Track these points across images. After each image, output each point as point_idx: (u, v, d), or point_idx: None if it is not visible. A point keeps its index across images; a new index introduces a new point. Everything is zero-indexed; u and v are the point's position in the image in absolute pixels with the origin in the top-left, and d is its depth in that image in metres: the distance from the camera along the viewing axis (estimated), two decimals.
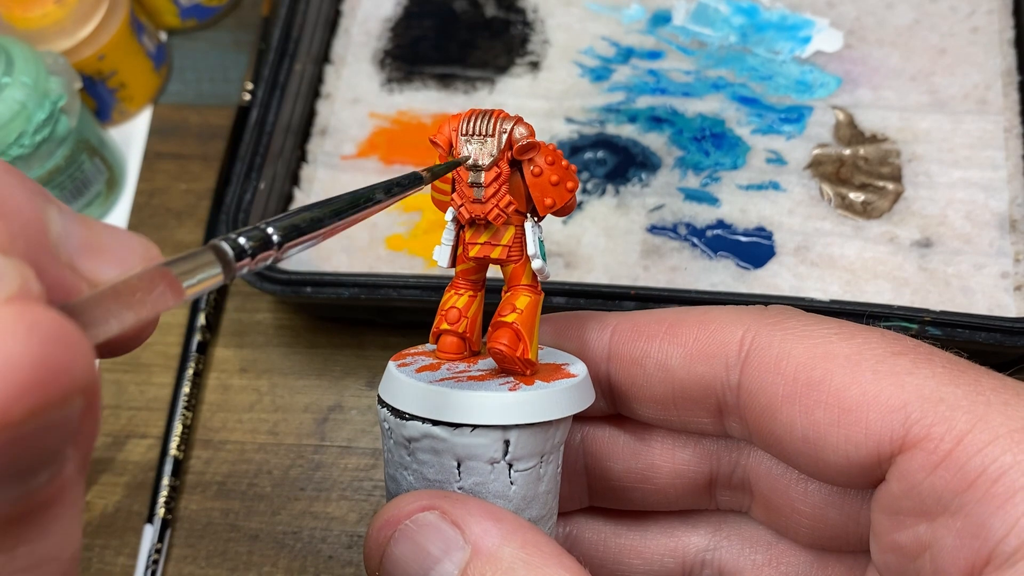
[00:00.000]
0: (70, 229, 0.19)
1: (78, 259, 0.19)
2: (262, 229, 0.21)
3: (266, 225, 0.21)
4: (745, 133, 0.53)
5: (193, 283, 0.19)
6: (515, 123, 0.28)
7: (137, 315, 0.18)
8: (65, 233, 0.19)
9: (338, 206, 0.23)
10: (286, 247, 0.21)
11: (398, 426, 0.27)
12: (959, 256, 0.48)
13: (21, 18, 0.54)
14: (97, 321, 0.17)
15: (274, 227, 0.21)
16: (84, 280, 0.19)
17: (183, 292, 0.19)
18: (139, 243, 0.20)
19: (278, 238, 0.21)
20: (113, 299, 0.18)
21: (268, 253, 0.21)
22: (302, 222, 0.22)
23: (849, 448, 0.25)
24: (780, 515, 0.30)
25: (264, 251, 0.21)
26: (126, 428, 0.52)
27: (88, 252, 0.19)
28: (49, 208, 0.19)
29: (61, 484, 0.17)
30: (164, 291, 0.18)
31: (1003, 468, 0.22)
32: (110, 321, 0.17)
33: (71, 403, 0.16)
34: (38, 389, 0.15)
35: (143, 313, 0.18)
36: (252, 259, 0.20)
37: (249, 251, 0.20)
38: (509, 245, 0.28)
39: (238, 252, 0.20)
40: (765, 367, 0.27)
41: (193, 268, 0.19)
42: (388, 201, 0.24)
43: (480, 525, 0.25)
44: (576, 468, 0.32)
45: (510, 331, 0.27)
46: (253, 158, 0.51)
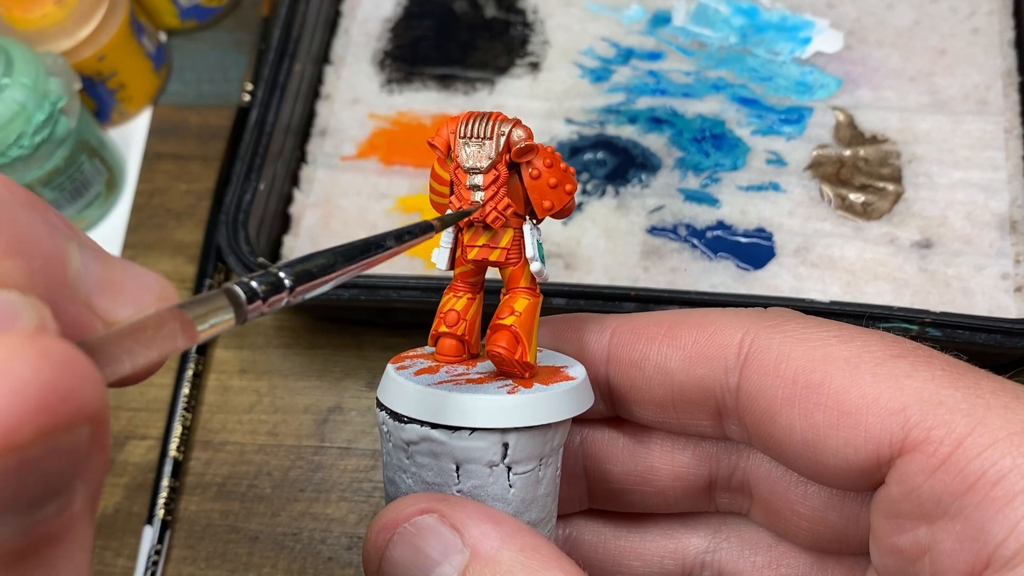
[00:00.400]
0: (89, 267, 0.19)
1: (95, 297, 0.19)
2: (275, 274, 0.21)
3: (279, 269, 0.21)
4: (745, 134, 0.53)
5: (206, 327, 0.19)
6: (513, 125, 0.28)
7: (149, 355, 0.18)
8: (84, 271, 0.19)
9: (350, 252, 0.23)
10: (298, 291, 0.22)
11: (396, 429, 0.27)
12: (959, 257, 0.48)
13: (21, 19, 0.54)
14: (111, 360, 0.17)
15: (286, 272, 0.21)
16: (99, 319, 0.19)
17: (196, 335, 0.19)
18: (155, 281, 0.21)
19: (290, 283, 0.21)
20: (127, 338, 0.18)
21: (280, 296, 0.21)
22: (314, 267, 0.22)
23: (848, 451, 0.25)
24: (780, 517, 0.30)
25: (276, 294, 0.21)
26: (126, 429, 0.52)
27: (105, 291, 0.20)
28: (70, 246, 0.19)
29: (69, 519, 0.17)
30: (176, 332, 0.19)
31: (1002, 471, 0.22)
32: (123, 360, 0.18)
33: (78, 430, 0.16)
34: (45, 412, 0.15)
35: (154, 353, 0.18)
36: (264, 303, 0.21)
37: (261, 295, 0.21)
38: (507, 248, 0.28)
39: (250, 296, 0.20)
40: (764, 370, 0.27)
41: (206, 312, 0.19)
42: (399, 248, 0.25)
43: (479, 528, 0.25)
44: (575, 470, 0.32)
45: (508, 334, 0.27)
46: (253, 159, 0.51)
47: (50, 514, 0.16)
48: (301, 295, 0.22)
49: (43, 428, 0.15)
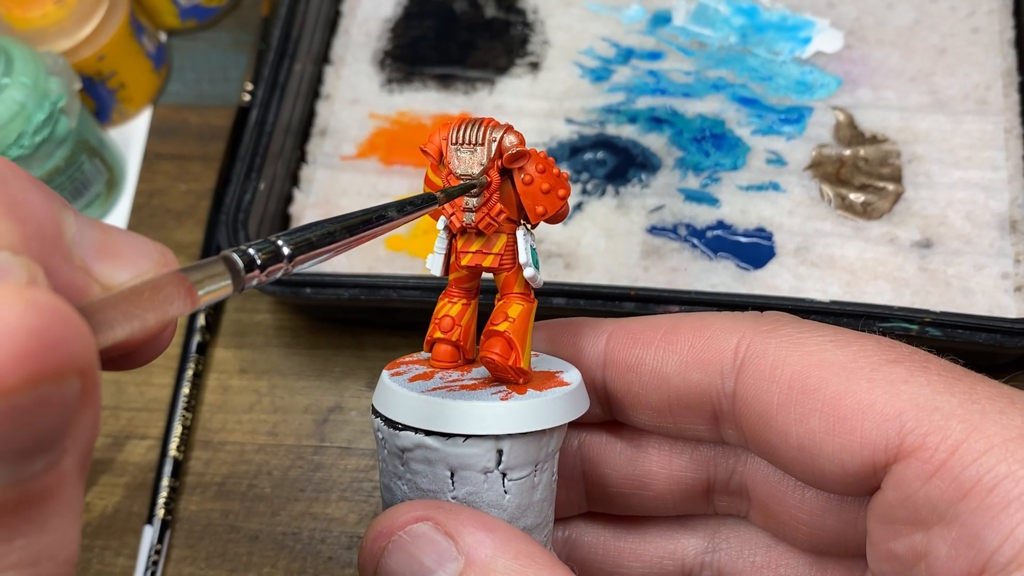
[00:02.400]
0: (85, 232, 0.20)
1: (92, 262, 0.20)
2: (273, 242, 0.21)
3: (277, 238, 0.21)
4: (745, 134, 0.53)
5: (203, 293, 0.19)
6: (505, 131, 0.27)
7: (147, 320, 0.18)
8: (79, 236, 0.19)
9: (350, 222, 0.23)
10: (297, 260, 0.21)
11: (391, 436, 0.27)
12: (959, 257, 0.48)
13: (21, 18, 0.54)
14: (108, 323, 0.17)
15: (285, 240, 0.21)
16: (97, 283, 0.20)
17: (197, 299, 0.19)
18: (154, 248, 0.21)
19: (289, 251, 0.21)
20: (124, 303, 0.18)
21: (278, 266, 0.21)
22: (314, 236, 0.22)
23: (844, 457, 0.25)
24: (778, 520, 0.30)
25: (274, 264, 0.21)
26: (126, 429, 0.52)
27: (102, 255, 0.20)
28: (65, 212, 0.19)
29: (59, 477, 0.17)
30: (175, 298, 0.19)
31: (998, 478, 0.22)
32: (121, 324, 0.18)
33: (67, 380, 0.16)
34: (33, 359, 0.15)
35: (153, 318, 0.18)
36: (262, 271, 0.21)
37: (259, 263, 0.20)
38: (501, 253, 0.28)
39: (248, 263, 0.20)
40: (760, 375, 0.27)
41: (203, 278, 0.19)
42: (401, 220, 0.24)
43: (473, 536, 0.25)
44: (574, 474, 0.32)
45: (502, 340, 0.27)
46: (253, 158, 0.51)
47: (39, 470, 0.16)
48: (300, 264, 0.22)
49: (31, 375, 0.15)
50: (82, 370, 0.16)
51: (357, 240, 0.23)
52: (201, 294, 0.19)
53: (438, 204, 0.26)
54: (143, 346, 0.21)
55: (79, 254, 0.19)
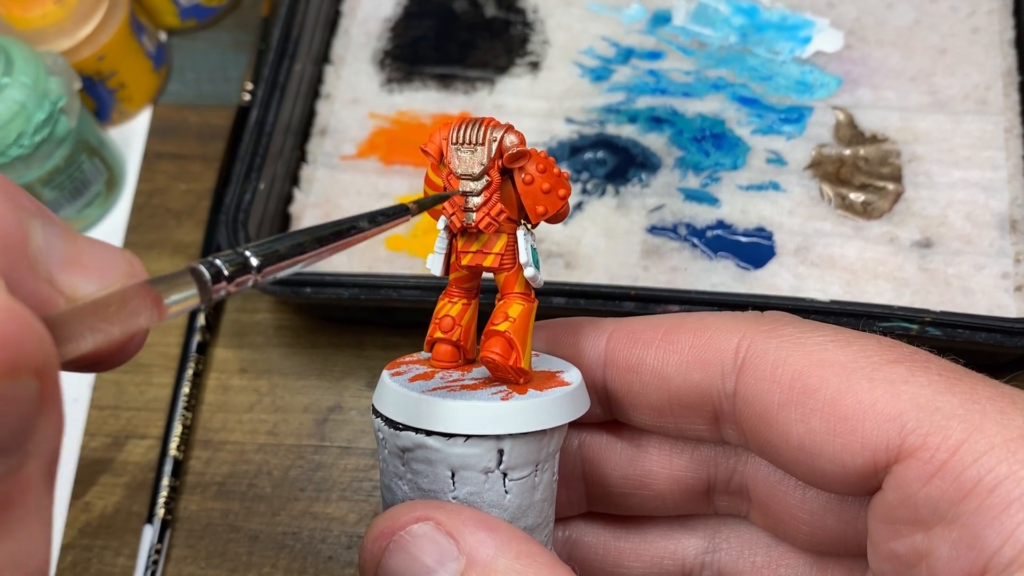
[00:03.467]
0: (52, 243, 0.20)
1: (57, 273, 0.20)
2: (241, 253, 0.21)
3: (245, 249, 0.21)
4: (745, 133, 0.53)
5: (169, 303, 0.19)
6: (505, 131, 0.27)
7: (112, 332, 0.18)
8: (46, 246, 0.19)
9: (321, 234, 0.23)
10: (266, 271, 0.21)
11: (392, 436, 0.27)
12: (959, 256, 0.48)
13: (21, 18, 0.54)
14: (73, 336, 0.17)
15: (253, 251, 0.21)
16: (62, 295, 0.19)
17: (164, 311, 0.19)
18: (122, 259, 0.21)
19: (257, 262, 0.21)
20: (89, 315, 0.18)
21: (246, 277, 0.21)
22: (283, 248, 0.22)
23: (845, 457, 0.25)
24: (778, 520, 0.30)
25: (243, 275, 0.21)
26: (126, 428, 0.52)
27: (68, 266, 0.20)
28: (32, 221, 0.19)
29: (23, 483, 0.17)
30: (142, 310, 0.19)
31: (999, 478, 0.22)
32: (86, 336, 0.18)
33: (21, 379, 0.16)
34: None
35: (119, 330, 0.18)
36: (230, 282, 0.21)
37: (227, 275, 0.20)
38: (501, 253, 0.28)
39: (215, 275, 0.20)
40: (761, 375, 0.27)
41: (170, 289, 0.19)
42: (372, 231, 0.24)
43: (474, 536, 0.25)
44: (574, 473, 0.32)
45: (503, 340, 0.27)
46: (253, 158, 0.51)
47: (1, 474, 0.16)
48: (269, 276, 0.22)
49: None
50: (39, 371, 0.16)
51: (327, 251, 0.23)
52: (167, 304, 0.19)
53: (411, 215, 0.26)
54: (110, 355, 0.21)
55: (45, 265, 0.19)
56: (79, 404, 0.53)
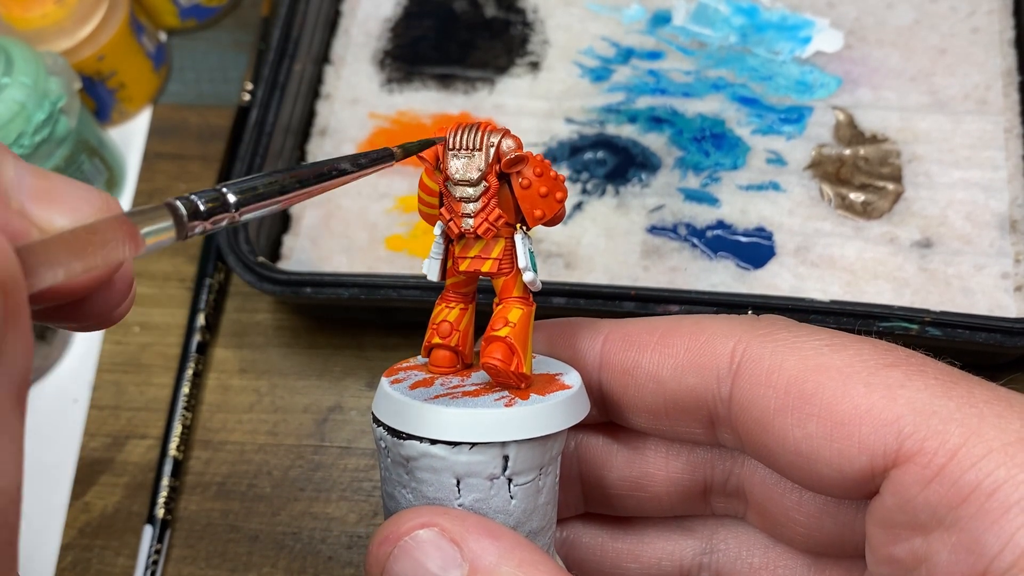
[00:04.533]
0: (24, 178, 0.20)
1: (30, 205, 0.20)
2: (219, 191, 0.21)
3: (223, 186, 0.21)
4: (745, 133, 0.53)
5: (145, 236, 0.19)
6: (502, 136, 0.27)
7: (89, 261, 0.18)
8: (17, 180, 0.19)
9: (301, 174, 0.23)
10: (243, 210, 0.21)
11: (395, 445, 0.27)
12: (959, 256, 0.48)
13: (21, 18, 0.54)
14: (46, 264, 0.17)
15: (231, 189, 0.21)
16: (35, 227, 0.19)
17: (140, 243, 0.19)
18: (97, 196, 0.21)
19: (235, 199, 0.21)
20: (63, 245, 0.18)
21: (224, 215, 0.21)
22: (261, 186, 0.22)
23: (842, 462, 0.25)
24: (775, 522, 0.30)
25: (221, 213, 0.21)
26: (126, 429, 0.52)
27: (41, 199, 0.20)
28: (4, 157, 0.19)
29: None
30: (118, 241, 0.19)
31: (997, 483, 0.22)
32: (60, 265, 0.18)
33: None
34: None
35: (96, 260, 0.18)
36: (206, 219, 0.20)
37: (203, 211, 0.20)
38: (499, 258, 0.28)
39: (192, 211, 0.20)
40: (756, 379, 0.27)
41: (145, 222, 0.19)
42: (354, 174, 0.24)
43: (478, 543, 0.25)
44: (571, 475, 0.32)
45: (503, 345, 0.27)
46: (253, 158, 0.51)
47: None
48: (247, 214, 0.21)
49: None
50: (3, 287, 0.16)
51: (307, 193, 0.23)
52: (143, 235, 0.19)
53: (395, 160, 0.26)
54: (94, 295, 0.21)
55: (17, 197, 0.19)
56: (79, 404, 0.53)
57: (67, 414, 0.52)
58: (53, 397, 0.53)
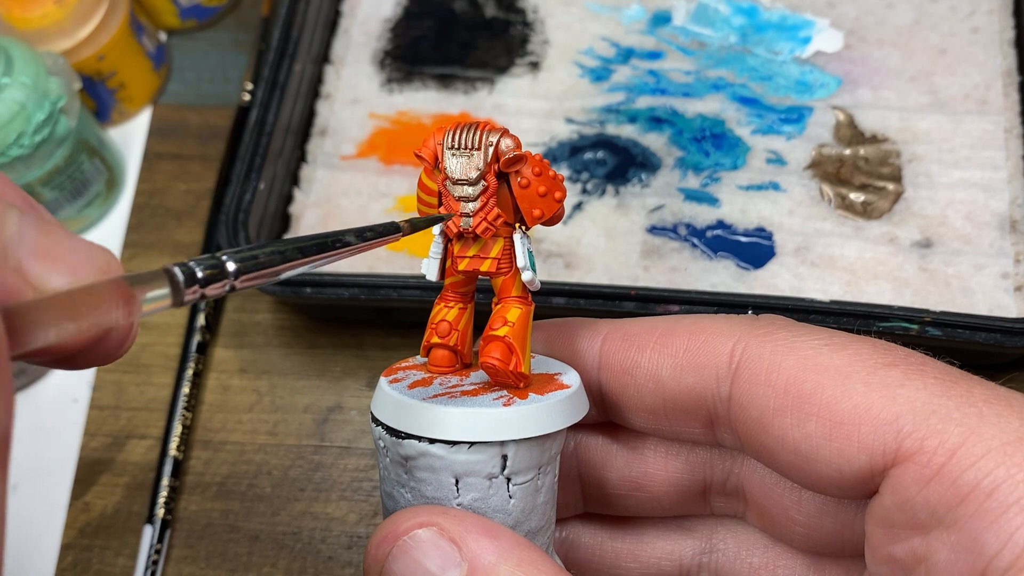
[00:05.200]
0: (26, 233, 0.19)
1: (28, 263, 0.19)
2: (219, 259, 0.21)
3: (223, 254, 0.21)
4: (745, 133, 0.53)
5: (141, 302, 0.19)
6: (501, 135, 0.27)
7: (80, 326, 0.18)
8: (19, 236, 0.19)
9: (304, 244, 0.23)
10: (243, 279, 0.21)
11: (394, 445, 0.27)
12: (959, 257, 0.48)
13: (21, 18, 0.54)
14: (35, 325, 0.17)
15: (232, 258, 0.21)
16: (30, 286, 0.19)
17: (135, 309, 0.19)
18: (99, 255, 0.21)
19: (234, 267, 0.21)
20: (56, 307, 0.18)
21: (223, 283, 0.21)
22: (262, 255, 0.22)
23: (842, 461, 0.25)
24: (775, 522, 0.30)
25: (219, 280, 0.21)
26: (126, 429, 0.52)
27: (40, 258, 0.20)
28: (8, 211, 0.19)
29: None
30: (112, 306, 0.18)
31: (996, 482, 0.22)
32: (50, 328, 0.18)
33: None
34: None
35: (87, 324, 0.18)
36: (203, 286, 0.20)
37: (201, 278, 0.20)
38: (498, 257, 0.28)
39: (189, 278, 0.20)
40: (755, 379, 0.27)
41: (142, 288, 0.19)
42: (359, 247, 0.24)
43: (477, 543, 0.25)
44: (570, 475, 0.32)
45: (502, 345, 0.27)
46: (253, 158, 0.51)
47: None
48: (248, 283, 0.21)
49: None
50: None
51: (309, 262, 0.23)
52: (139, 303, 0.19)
53: (402, 235, 0.26)
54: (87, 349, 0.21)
55: (16, 255, 0.19)
56: (79, 404, 0.53)
57: (67, 414, 0.52)
58: (53, 397, 0.53)
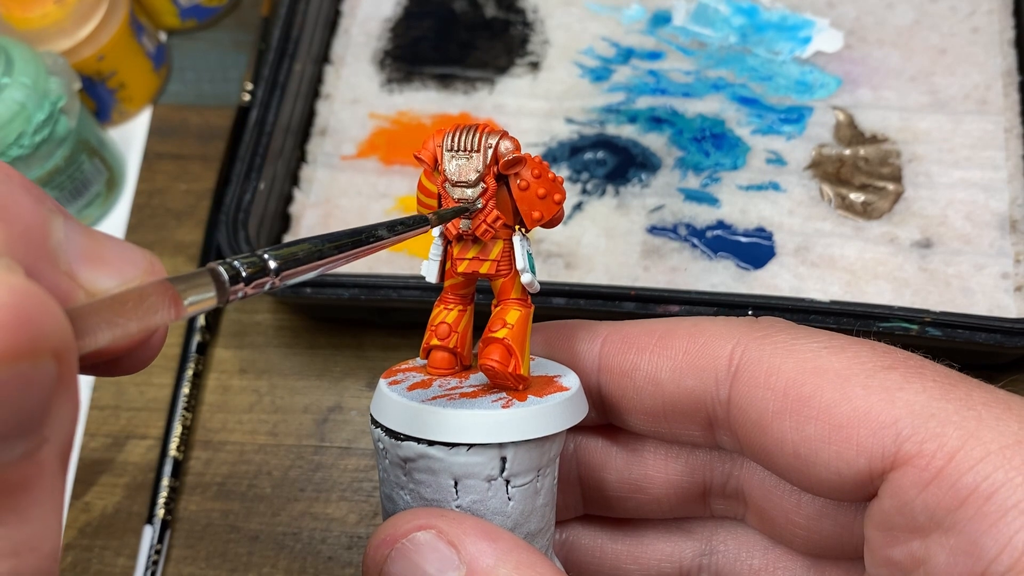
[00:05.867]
0: (72, 238, 0.20)
1: (77, 267, 0.20)
2: (260, 256, 0.21)
3: (264, 251, 0.21)
4: (745, 133, 0.53)
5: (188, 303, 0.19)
6: (500, 137, 0.27)
7: (130, 327, 0.18)
8: (67, 241, 0.20)
9: (340, 240, 0.23)
10: (283, 275, 0.22)
11: (393, 447, 0.27)
12: (959, 257, 0.48)
13: (21, 18, 0.54)
14: (90, 329, 0.18)
15: (272, 255, 0.21)
16: (82, 288, 0.20)
17: (182, 309, 0.19)
18: (142, 257, 0.21)
19: (275, 265, 0.21)
20: (107, 310, 0.18)
21: (264, 279, 0.21)
22: (301, 252, 0.22)
23: (841, 464, 0.25)
24: (775, 524, 0.30)
25: (261, 277, 0.21)
26: (126, 429, 0.52)
27: (88, 261, 0.20)
28: (54, 216, 0.19)
29: (39, 466, 0.17)
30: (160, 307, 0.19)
31: (995, 485, 0.22)
32: (103, 330, 0.18)
33: (42, 360, 0.16)
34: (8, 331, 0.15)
35: (136, 326, 0.18)
36: (247, 284, 0.21)
37: (245, 276, 0.21)
38: (498, 260, 0.28)
39: (234, 276, 0.20)
40: (755, 382, 0.27)
41: (188, 288, 0.20)
42: (390, 239, 0.25)
43: (476, 545, 0.25)
44: (570, 477, 0.32)
45: (501, 347, 0.27)
46: (253, 158, 0.51)
47: (19, 456, 0.16)
48: (287, 279, 0.22)
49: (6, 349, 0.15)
50: (57, 353, 0.16)
51: (345, 257, 0.23)
52: (186, 304, 0.19)
53: (430, 226, 0.26)
54: (130, 352, 0.21)
55: (65, 259, 0.19)
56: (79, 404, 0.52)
57: None
58: None
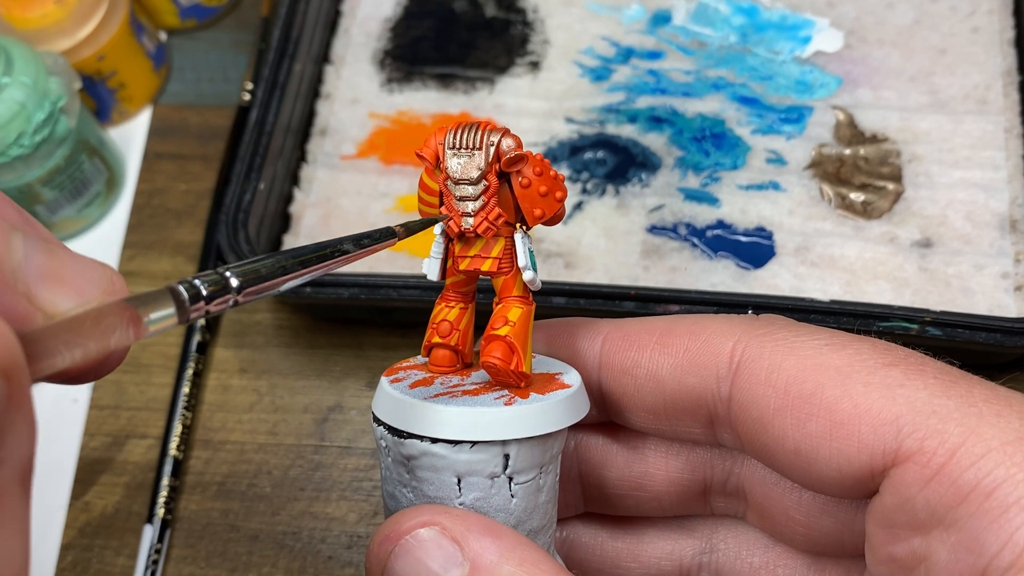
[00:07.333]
0: (32, 256, 0.20)
1: (35, 288, 0.20)
2: (221, 274, 0.21)
3: (225, 270, 0.21)
4: (745, 133, 0.53)
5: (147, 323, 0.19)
6: (502, 135, 0.27)
7: (88, 349, 0.18)
8: (26, 260, 0.19)
9: (304, 255, 0.23)
10: (246, 292, 0.21)
11: (396, 444, 0.27)
12: (959, 256, 0.48)
13: (21, 18, 0.54)
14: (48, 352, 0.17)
15: (234, 272, 0.21)
16: (40, 310, 0.19)
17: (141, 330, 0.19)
18: (103, 275, 0.21)
19: (237, 283, 0.21)
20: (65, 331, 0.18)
21: (225, 298, 0.21)
22: (264, 268, 0.22)
23: (842, 461, 0.25)
24: (775, 522, 0.30)
25: (222, 295, 0.21)
26: (126, 428, 0.52)
27: (47, 281, 0.20)
28: (13, 235, 0.19)
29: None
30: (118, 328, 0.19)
31: (996, 482, 0.22)
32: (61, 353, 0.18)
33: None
34: None
35: (95, 348, 0.18)
36: (208, 302, 0.21)
37: (205, 295, 0.20)
38: (499, 257, 0.28)
39: (194, 295, 0.20)
40: (756, 379, 0.27)
41: (147, 308, 0.19)
42: (357, 253, 0.24)
43: (479, 542, 0.25)
44: (571, 475, 0.32)
45: (503, 344, 0.27)
46: (253, 158, 0.51)
47: None
48: (251, 296, 0.22)
49: None
50: (5, 373, 0.16)
51: (310, 271, 0.23)
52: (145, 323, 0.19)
53: (397, 239, 0.26)
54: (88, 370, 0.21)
55: (23, 280, 0.19)
56: (79, 404, 0.53)
57: (67, 414, 0.52)
58: (53, 397, 0.53)
